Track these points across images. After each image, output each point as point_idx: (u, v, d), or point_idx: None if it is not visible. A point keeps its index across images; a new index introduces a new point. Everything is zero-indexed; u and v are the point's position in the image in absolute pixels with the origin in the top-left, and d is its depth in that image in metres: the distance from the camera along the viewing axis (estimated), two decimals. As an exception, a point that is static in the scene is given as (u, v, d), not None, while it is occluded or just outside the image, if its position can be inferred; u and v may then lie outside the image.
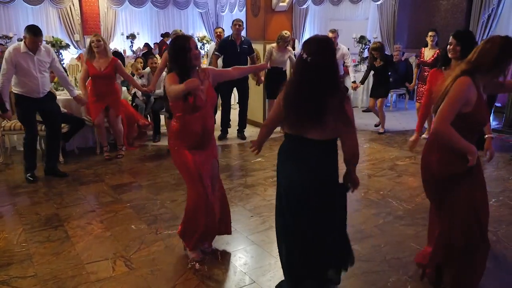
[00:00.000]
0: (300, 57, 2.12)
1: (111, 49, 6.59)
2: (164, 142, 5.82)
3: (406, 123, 7.43)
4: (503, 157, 5.42)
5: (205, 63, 8.22)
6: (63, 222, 3.65)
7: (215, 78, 2.93)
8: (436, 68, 4.19)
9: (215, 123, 4.02)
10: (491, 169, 5.00)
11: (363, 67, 8.76)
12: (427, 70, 6.06)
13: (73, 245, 3.24)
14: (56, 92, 5.32)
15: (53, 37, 10.23)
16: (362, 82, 7.00)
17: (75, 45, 12.87)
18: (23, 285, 2.75)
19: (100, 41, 5.12)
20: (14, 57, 4.27)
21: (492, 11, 8.49)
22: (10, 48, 4.40)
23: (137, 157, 5.59)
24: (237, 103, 7.25)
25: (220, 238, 3.21)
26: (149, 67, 6.43)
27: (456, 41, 3.20)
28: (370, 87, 7.10)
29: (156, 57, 6.66)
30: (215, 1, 16.01)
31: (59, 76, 4.80)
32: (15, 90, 4.45)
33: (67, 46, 10.55)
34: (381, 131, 6.70)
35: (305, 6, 12.53)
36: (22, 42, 4.37)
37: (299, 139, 2.18)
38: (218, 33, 6.90)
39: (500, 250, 3.14)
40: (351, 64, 7.09)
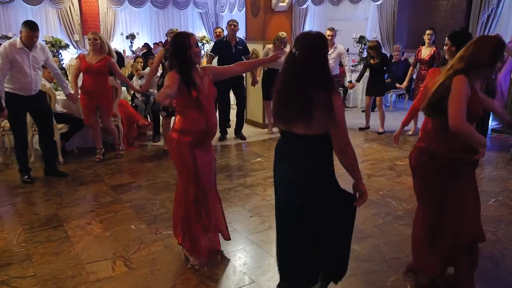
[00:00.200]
0: (290, 51, 2.16)
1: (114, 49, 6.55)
2: (164, 142, 5.81)
3: (406, 123, 7.41)
4: (503, 157, 5.43)
5: (205, 63, 8.21)
6: (62, 222, 3.65)
7: (215, 76, 2.93)
8: (434, 67, 4.20)
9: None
10: (491, 169, 5.01)
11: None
12: (425, 68, 6.08)
13: (72, 245, 3.24)
14: (56, 92, 5.31)
15: (52, 37, 10.21)
16: (357, 80, 7.16)
17: (75, 45, 12.88)
18: (22, 285, 2.75)
19: (96, 39, 5.06)
20: (10, 52, 4.19)
21: (491, 11, 8.48)
22: (6, 43, 4.32)
23: (137, 157, 5.59)
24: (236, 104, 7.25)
25: (219, 238, 3.20)
26: (149, 67, 6.44)
27: (451, 42, 3.21)
28: (369, 87, 7.13)
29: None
30: (215, 1, 16.03)
31: (54, 73, 4.78)
32: (6, 87, 4.30)
33: (67, 46, 10.53)
34: (381, 131, 6.70)
35: (304, 6, 12.53)
36: (18, 38, 4.30)
37: (289, 135, 2.18)
38: (217, 33, 6.91)
39: (499, 250, 3.14)
40: (348, 64, 7.11)
